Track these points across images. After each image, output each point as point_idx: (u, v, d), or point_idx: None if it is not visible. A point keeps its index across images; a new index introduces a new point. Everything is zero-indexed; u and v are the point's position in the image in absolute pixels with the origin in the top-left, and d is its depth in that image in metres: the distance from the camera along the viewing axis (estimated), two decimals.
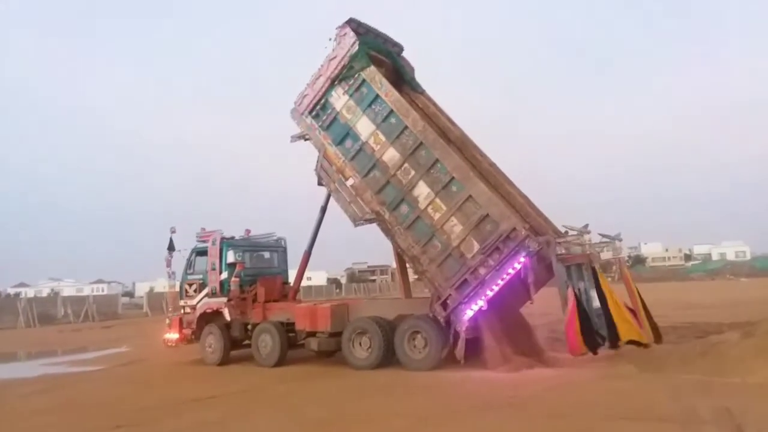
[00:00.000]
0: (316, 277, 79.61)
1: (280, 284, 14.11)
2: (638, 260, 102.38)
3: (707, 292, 33.91)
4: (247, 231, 14.85)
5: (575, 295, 9.91)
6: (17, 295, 77.36)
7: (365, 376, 10.52)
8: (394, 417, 7.22)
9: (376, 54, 12.82)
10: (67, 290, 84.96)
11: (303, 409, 7.98)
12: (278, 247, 14.85)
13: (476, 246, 10.61)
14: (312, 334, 12.23)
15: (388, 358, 11.20)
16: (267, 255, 14.77)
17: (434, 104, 13.46)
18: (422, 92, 13.53)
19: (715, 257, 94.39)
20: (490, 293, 10.38)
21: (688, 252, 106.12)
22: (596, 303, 10.44)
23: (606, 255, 11.21)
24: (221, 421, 7.41)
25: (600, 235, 11.67)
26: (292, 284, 14.38)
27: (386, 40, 13.32)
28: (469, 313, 10.49)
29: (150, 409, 8.41)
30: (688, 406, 6.94)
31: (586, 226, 11.50)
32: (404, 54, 13.86)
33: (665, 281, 65.61)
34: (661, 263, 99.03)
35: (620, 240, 11.55)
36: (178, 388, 10.19)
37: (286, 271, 14.77)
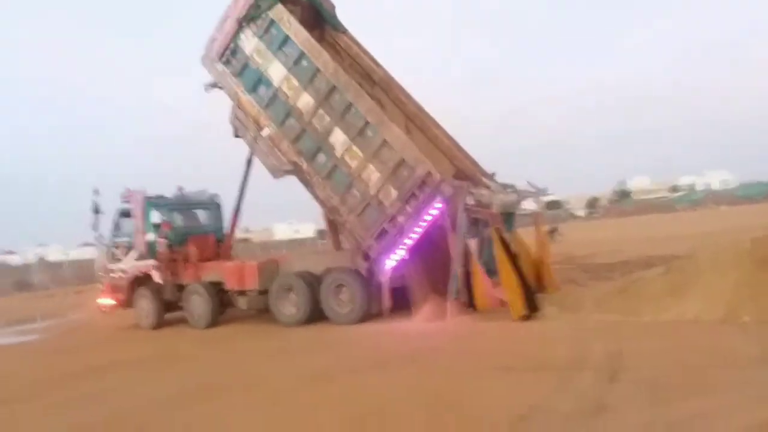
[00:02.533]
0: (303, 230, 77.91)
1: (212, 242, 13.57)
2: (624, 195, 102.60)
3: (681, 224, 33.82)
4: (179, 188, 14.28)
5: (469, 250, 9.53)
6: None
7: (288, 334, 10.19)
8: (286, 378, 6.89)
9: None
10: (54, 255, 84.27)
11: (196, 375, 7.63)
12: (211, 204, 14.26)
13: (394, 193, 10.12)
14: (242, 292, 11.85)
15: (317, 313, 10.85)
16: (199, 213, 14.19)
17: (357, 44, 12.65)
18: (344, 31, 12.68)
19: (700, 188, 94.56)
20: (409, 241, 9.96)
21: (674, 184, 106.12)
22: None
23: (529, 205, 10.83)
24: (102, 392, 7.07)
25: (528, 183, 11.24)
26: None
27: None
28: (390, 263, 10.10)
29: (44, 381, 8.08)
30: (582, 350, 6.63)
31: (493, 175, 11.07)
32: None
33: (648, 214, 65.96)
34: (648, 196, 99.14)
35: (545, 194, 11.20)
36: (89, 357, 9.79)
37: (221, 229, 14.22)
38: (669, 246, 18.69)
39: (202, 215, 14.21)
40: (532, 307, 9.10)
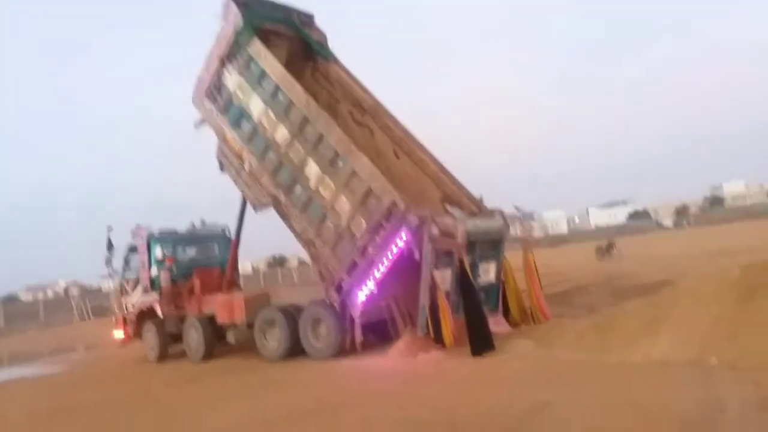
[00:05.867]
0: None
1: (218, 275, 13.69)
2: (715, 201, 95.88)
3: (760, 235, 30.75)
4: (193, 223, 14.66)
5: (435, 282, 8.96)
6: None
7: (259, 372, 9.97)
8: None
9: (274, 26, 11.97)
10: None
11: (135, 423, 7.52)
12: (220, 237, 14.45)
13: (364, 224, 9.75)
14: (233, 326, 11.84)
15: (298, 347, 10.59)
16: (208, 246, 14.39)
17: (347, 72, 12.48)
18: (335, 61, 12.57)
19: None
20: (378, 274, 9.54)
21: None
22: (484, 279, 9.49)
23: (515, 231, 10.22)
24: None
25: (514, 207, 10.59)
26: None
27: (288, 10, 12.39)
28: (361, 297, 9.71)
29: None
30: (512, 400, 5.95)
31: (481, 199, 10.46)
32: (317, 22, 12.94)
33: (740, 222, 60.93)
34: (742, 202, 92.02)
35: (532, 219, 10.48)
36: (71, 396, 9.89)
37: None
38: (729, 262, 16.93)
39: (210, 249, 14.42)
40: (484, 346, 8.50)
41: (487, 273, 10.43)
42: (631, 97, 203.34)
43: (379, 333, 10.38)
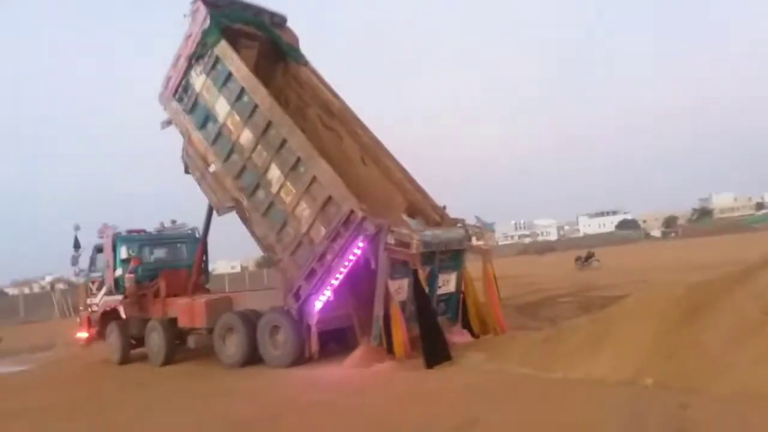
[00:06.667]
0: None
1: (185, 277, 13.54)
2: (704, 213, 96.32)
3: (740, 248, 30.83)
4: (162, 224, 14.52)
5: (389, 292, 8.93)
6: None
7: (215, 379, 9.87)
8: None
9: (244, 27, 11.88)
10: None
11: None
12: (188, 238, 14.30)
13: (323, 231, 9.68)
14: (194, 330, 11.73)
15: (257, 354, 10.49)
16: (176, 248, 14.26)
17: (318, 76, 12.40)
18: (305, 63, 12.48)
19: None
20: (335, 282, 9.47)
21: (760, 200, 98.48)
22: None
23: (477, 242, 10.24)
24: None
25: (476, 218, 10.55)
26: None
27: (260, 11, 12.30)
28: (318, 305, 9.63)
29: None
30: (443, 416, 5.89)
31: (444, 208, 10.44)
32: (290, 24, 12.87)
33: (725, 234, 61.24)
34: (730, 214, 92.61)
35: (493, 230, 10.48)
36: (20, 399, 9.77)
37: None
38: (701, 275, 16.90)
39: (179, 250, 14.28)
40: (438, 357, 8.48)
41: (447, 283, 10.40)
42: (623, 105, 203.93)
43: (340, 341, 10.35)
